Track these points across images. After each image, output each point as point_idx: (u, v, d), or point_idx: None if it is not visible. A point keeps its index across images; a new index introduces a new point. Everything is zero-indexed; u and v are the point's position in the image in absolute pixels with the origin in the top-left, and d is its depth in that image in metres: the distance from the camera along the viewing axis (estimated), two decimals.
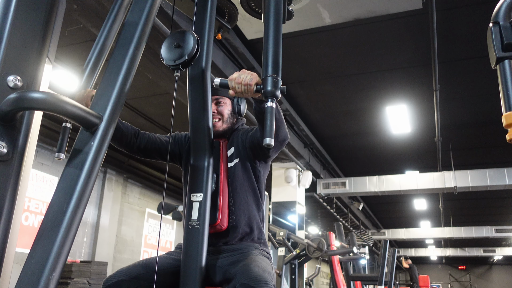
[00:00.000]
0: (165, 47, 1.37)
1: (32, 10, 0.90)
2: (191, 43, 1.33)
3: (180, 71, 1.35)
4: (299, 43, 4.78)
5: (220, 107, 1.77)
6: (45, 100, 0.82)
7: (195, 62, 1.62)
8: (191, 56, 1.33)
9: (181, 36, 1.36)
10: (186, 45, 1.34)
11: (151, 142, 1.80)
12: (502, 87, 0.91)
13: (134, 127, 1.80)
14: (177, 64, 1.34)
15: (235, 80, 1.31)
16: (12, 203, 0.83)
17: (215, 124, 1.75)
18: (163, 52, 1.37)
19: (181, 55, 1.33)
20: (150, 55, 4.02)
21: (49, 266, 0.80)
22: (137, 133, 1.79)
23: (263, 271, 1.38)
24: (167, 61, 1.36)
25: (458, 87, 5.75)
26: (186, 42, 1.34)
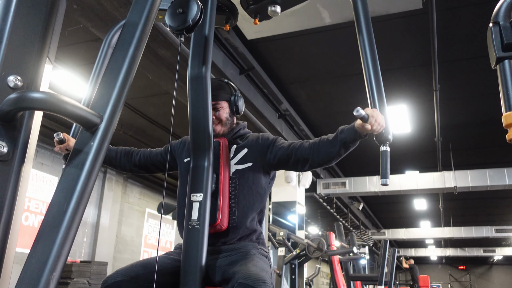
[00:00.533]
0: (169, 13, 1.41)
1: (32, 10, 0.90)
2: (195, 9, 1.38)
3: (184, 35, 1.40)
4: (299, 43, 4.78)
5: (218, 111, 1.77)
6: (45, 100, 0.82)
7: (195, 62, 1.63)
8: (194, 22, 1.38)
9: (184, 2, 1.40)
10: (190, 11, 1.38)
11: (145, 157, 1.91)
12: (502, 87, 0.91)
13: (128, 148, 1.94)
14: (180, 29, 1.38)
15: (376, 119, 1.42)
16: (12, 203, 0.83)
17: (214, 129, 1.76)
18: (167, 18, 1.41)
19: (185, 21, 1.38)
20: (150, 55, 4.02)
21: (49, 266, 0.80)
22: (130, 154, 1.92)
23: (261, 270, 1.39)
24: (172, 26, 1.40)
25: (458, 87, 5.75)
26: (189, 8, 1.39)
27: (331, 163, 1.61)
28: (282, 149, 1.68)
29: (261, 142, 1.74)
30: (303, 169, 1.66)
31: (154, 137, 6.92)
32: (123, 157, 1.92)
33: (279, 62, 5.23)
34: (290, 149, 1.65)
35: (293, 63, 5.25)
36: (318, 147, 1.58)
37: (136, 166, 1.92)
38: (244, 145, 1.75)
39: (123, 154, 1.92)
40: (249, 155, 1.72)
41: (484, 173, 7.84)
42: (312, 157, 1.59)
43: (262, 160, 1.71)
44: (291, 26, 4.28)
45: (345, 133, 1.51)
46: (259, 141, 1.75)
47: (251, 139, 1.77)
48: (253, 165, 1.70)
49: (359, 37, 1.65)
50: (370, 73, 1.59)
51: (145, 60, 4.10)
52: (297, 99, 6.20)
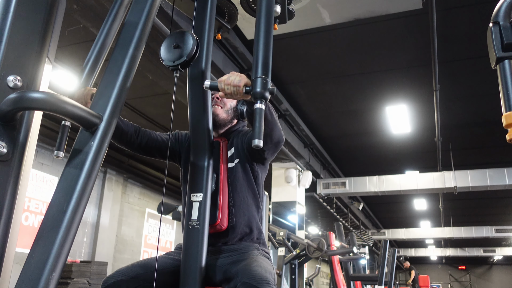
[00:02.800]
0: (164, 47, 1.37)
1: (32, 10, 0.90)
2: (190, 43, 1.33)
3: (180, 71, 1.35)
4: (299, 43, 4.78)
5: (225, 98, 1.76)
6: (45, 100, 0.82)
7: (195, 63, 1.62)
8: (190, 57, 1.33)
9: (180, 36, 1.36)
10: (186, 46, 1.34)
11: (152, 140, 1.80)
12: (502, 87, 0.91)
13: (135, 125, 1.79)
14: (176, 64, 1.34)
15: (224, 82, 1.29)
16: (12, 203, 0.83)
17: (216, 111, 1.76)
18: (162, 52, 1.37)
19: (180, 56, 1.34)
20: (150, 55, 4.02)
21: (49, 266, 0.80)
22: (138, 130, 1.78)
23: (265, 271, 1.39)
24: (166, 62, 1.36)
25: (458, 87, 5.75)
26: (185, 42, 1.34)
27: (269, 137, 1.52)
28: (247, 138, 1.69)
29: (241, 137, 1.75)
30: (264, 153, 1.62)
31: None
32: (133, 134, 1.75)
33: (279, 62, 5.23)
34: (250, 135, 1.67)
35: (293, 63, 5.25)
36: None
37: (141, 148, 1.78)
38: (231, 143, 1.76)
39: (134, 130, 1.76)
40: (235, 152, 1.73)
41: (484, 173, 7.83)
42: None
43: (243, 155, 1.72)
44: (291, 26, 4.27)
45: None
46: (239, 136, 1.76)
47: (236, 136, 1.78)
48: (240, 161, 1.71)
49: None
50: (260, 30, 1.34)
51: (145, 60, 4.10)
52: (297, 99, 6.20)
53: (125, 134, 1.72)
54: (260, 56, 1.25)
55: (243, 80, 1.29)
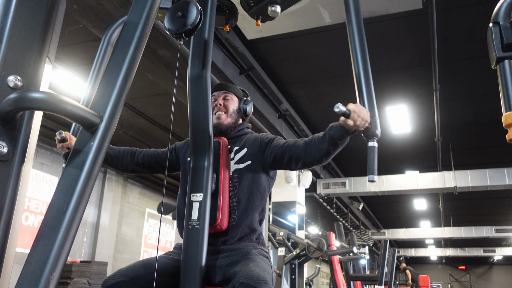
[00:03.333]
0: (169, 16, 1.41)
1: (32, 10, 0.90)
2: (194, 12, 1.37)
3: (184, 39, 1.39)
4: (299, 43, 4.78)
5: (227, 101, 1.81)
6: (45, 100, 0.82)
7: (195, 63, 1.63)
8: (194, 25, 1.37)
9: (184, 6, 1.39)
10: (189, 15, 1.37)
11: (149, 156, 1.89)
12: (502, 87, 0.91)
13: (129, 148, 1.91)
14: (180, 32, 1.37)
15: (358, 114, 1.40)
16: (12, 203, 0.83)
17: (220, 117, 1.78)
18: (166, 21, 1.41)
19: (184, 24, 1.37)
20: (150, 55, 4.02)
21: (49, 266, 0.79)
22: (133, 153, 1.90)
23: (263, 271, 1.39)
24: (171, 30, 1.39)
25: (458, 87, 5.75)
26: (189, 11, 1.38)
27: (323, 161, 1.59)
28: (277, 147, 1.68)
29: (260, 141, 1.75)
30: (296, 167, 1.65)
31: (154, 137, 6.92)
32: (126, 156, 1.88)
33: (279, 62, 5.23)
34: (284, 147, 1.66)
35: (293, 63, 5.25)
36: (311, 144, 1.58)
37: (139, 165, 1.88)
38: (244, 145, 1.76)
39: (126, 154, 1.89)
40: (248, 154, 1.73)
41: (484, 173, 7.84)
42: (305, 155, 1.59)
43: (260, 159, 1.72)
44: (291, 26, 4.28)
45: (333, 129, 1.51)
46: (258, 140, 1.76)
47: (251, 139, 1.78)
48: (252, 164, 1.71)
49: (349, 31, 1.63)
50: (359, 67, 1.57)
51: (145, 60, 4.10)
52: (297, 99, 6.20)
53: (115, 159, 1.87)
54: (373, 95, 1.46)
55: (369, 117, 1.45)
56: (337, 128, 1.49)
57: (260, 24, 1.91)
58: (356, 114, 1.40)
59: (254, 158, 1.72)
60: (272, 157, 1.69)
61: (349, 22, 1.64)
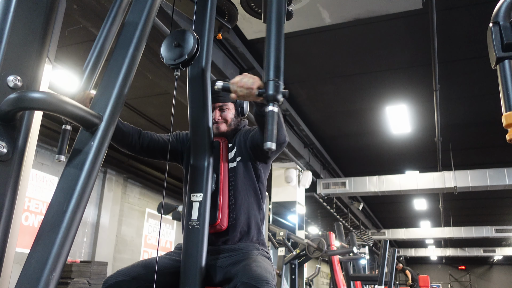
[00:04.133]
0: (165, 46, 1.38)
1: (32, 10, 0.90)
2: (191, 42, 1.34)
3: (180, 70, 1.35)
4: (299, 43, 4.78)
5: (224, 112, 1.79)
6: (45, 100, 0.82)
7: (195, 62, 1.62)
8: (191, 56, 1.34)
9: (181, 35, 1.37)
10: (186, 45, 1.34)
11: (154, 141, 1.81)
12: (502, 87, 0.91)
13: (136, 127, 1.80)
14: (177, 63, 1.34)
15: (237, 84, 1.30)
16: (12, 203, 0.83)
17: (220, 129, 1.77)
18: (163, 51, 1.38)
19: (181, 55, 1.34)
20: (150, 55, 4.02)
21: (49, 266, 0.80)
22: (139, 133, 1.79)
23: (265, 271, 1.39)
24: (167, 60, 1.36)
25: (458, 87, 5.75)
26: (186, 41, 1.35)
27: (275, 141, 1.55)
28: (250, 136, 1.69)
29: (243, 135, 1.76)
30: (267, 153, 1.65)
31: None
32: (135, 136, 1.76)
33: None
34: (252, 134, 1.67)
35: (293, 63, 5.25)
36: None
37: (143, 150, 1.79)
38: (234, 142, 1.77)
39: (135, 133, 1.77)
40: (237, 152, 1.73)
41: (484, 173, 7.83)
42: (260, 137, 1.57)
43: (245, 153, 1.72)
44: (291, 26, 4.27)
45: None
46: (242, 134, 1.77)
47: (238, 135, 1.78)
48: (242, 159, 1.71)
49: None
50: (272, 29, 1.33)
51: (145, 60, 4.10)
52: (297, 99, 6.20)
53: (126, 137, 1.72)
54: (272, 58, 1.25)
55: (256, 82, 1.30)
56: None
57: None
58: (235, 84, 1.31)
59: (242, 154, 1.72)
60: (250, 148, 1.69)
61: None
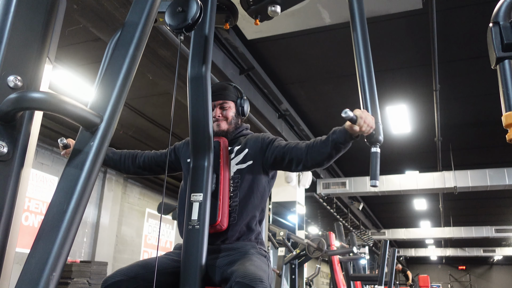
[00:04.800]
0: (169, 12, 1.42)
1: (32, 10, 0.90)
2: (194, 7, 1.39)
3: (184, 34, 1.41)
4: (299, 43, 4.78)
5: (225, 110, 1.81)
6: (45, 100, 0.82)
7: (195, 63, 1.63)
8: (194, 20, 1.38)
9: (184, 1, 1.41)
10: (190, 10, 1.39)
11: (148, 158, 1.93)
12: (502, 87, 0.91)
13: (131, 152, 1.96)
14: (180, 27, 1.39)
15: (364, 120, 1.42)
16: (12, 203, 0.83)
17: (220, 127, 1.79)
18: (167, 16, 1.42)
19: (184, 19, 1.38)
20: (150, 55, 4.02)
21: (49, 266, 0.79)
22: (134, 156, 1.94)
23: (259, 270, 1.39)
24: (171, 25, 1.40)
25: (458, 87, 5.75)
26: (189, 6, 1.39)
27: (324, 164, 1.61)
28: (278, 148, 1.69)
29: (261, 142, 1.76)
30: (297, 169, 1.66)
31: (154, 137, 6.91)
32: (128, 160, 1.94)
33: (279, 62, 5.23)
34: (286, 148, 1.67)
35: (293, 63, 5.25)
36: (312, 147, 1.59)
37: (140, 168, 1.93)
38: (245, 145, 1.77)
39: (128, 157, 1.94)
40: (250, 155, 1.73)
41: (484, 173, 7.83)
42: (306, 157, 1.60)
43: (261, 159, 1.73)
44: (291, 26, 4.27)
45: (337, 133, 1.52)
46: (259, 140, 1.77)
47: (252, 139, 1.79)
48: (253, 164, 1.72)
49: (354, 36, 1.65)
50: (363, 72, 1.60)
51: (145, 60, 4.10)
52: (297, 99, 6.20)
53: (118, 164, 1.94)
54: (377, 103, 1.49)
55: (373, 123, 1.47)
56: (341, 132, 1.50)
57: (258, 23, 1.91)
58: (363, 120, 1.42)
59: (256, 159, 1.72)
60: (273, 158, 1.69)
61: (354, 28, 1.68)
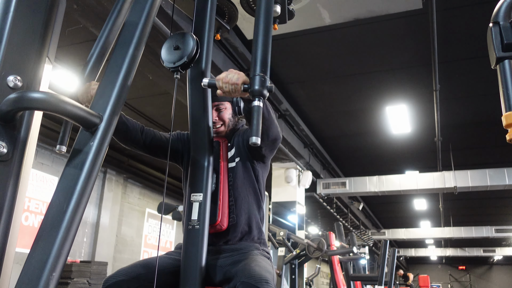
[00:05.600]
0: (165, 49, 1.39)
1: (32, 10, 0.90)
2: (191, 45, 1.35)
3: (180, 73, 1.37)
4: (299, 43, 4.78)
5: (221, 113, 1.78)
6: (45, 100, 0.82)
7: (195, 63, 1.62)
8: (190, 58, 1.35)
9: (180, 38, 1.37)
10: (186, 47, 1.35)
11: (156, 139, 1.78)
12: (502, 87, 0.91)
13: (138, 123, 1.77)
14: (176, 66, 1.35)
15: (222, 80, 1.30)
16: (12, 203, 0.83)
17: (218, 130, 1.77)
18: (163, 54, 1.39)
19: (180, 57, 1.35)
20: (150, 55, 4.02)
21: (49, 266, 0.80)
22: (142, 129, 1.76)
23: (264, 271, 1.39)
24: (167, 63, 1.37)
25: (458, 87, 5.75)
26: (185, 44, 1.36)
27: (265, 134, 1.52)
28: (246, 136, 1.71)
29: (242, 135, 1.76)
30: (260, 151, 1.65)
31: None
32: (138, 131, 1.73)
33: (279, 62, 5.23)
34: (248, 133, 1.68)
35: (293, 63, 5.25)
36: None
37: (146, 146, 1.76)
38: (233, 143, 1.77)
39: (138, 128, 1.74)
40: (236, 152, 1.74)
41: (484, 173, 7.83)
42: None
43: (244, 153, 1.72)
44: (291, 26, 4.27)
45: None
46: (240, 134, 1.77)
47: (236, 136, 1.79)
48: (240, 159, 1.72)
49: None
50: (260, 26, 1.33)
51: (145, 60, 4.10)
52: (297, 99, 6.19)
53: (130, 132, 1.69)
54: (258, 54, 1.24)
55: (241, 78, 1.29)
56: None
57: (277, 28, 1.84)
58: (221, 80, 1.30)
59: (241, 154, 1.72)
60: (246, 146, 1.70)
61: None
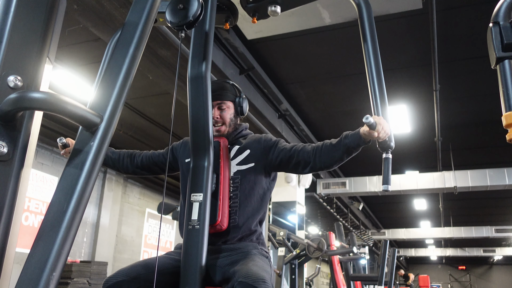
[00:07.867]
0: (170, 9, 1.43)
1: (32, 10, 0.90)
2: (195, 4, 1.39)
3: (185, 31, 1.41)
4: (299, 43, 4.78)
5: (223, 112, 1.77)
6: (45, 100, 0.82)
7: (195, 63, 1.63)
8: (195, 17, 1.39)
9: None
10: (191, 7, 1.39)
11: (147, 158, 1.93)
12: (502, 87, 0.91)
13: (130, 151, 1.97)
14: (181, 24, 1.39)
15: (382, 127, 1.45)
16: (12, 203, 0.83)
17: (219, 129, 1.77)
18: (168, 14, 1.42)
19: (185, 16, 1.39)
20: (150, 55, 4.02)
21: (49, 266, 0.79)
22: (132, 156, 1.95)
23: (261, 270, 1.39)
24: (172, 22, 1.41)
25: (458, 87, 5.75)
26: (190, 3, 1.40)
27: (332, 168, 1.62)
28: (284, 151, 1.68)
29: (264, 143, 1.75)
30: (303, 171, 1.67)
31: (154, 137, 6.91)
32: (126, 159, 1.95)
33: (279, 62, 5.23)
34: (292, 151, 1.66)
35: (293, 63, 5.25)
36: (321, 150, 1.59)
37: (139, 168, 1.94)
38: (246, 146, 1.76)
39: (126, 157, 1.95)
40: (252, 156, 1.72)
41: (484, 173, 7.84)
42: (314, 160, 1.60)
43: (264, 161, 1.72)
44: (291, 26, 4.27)
45: (349, 138, 1.52)
46: (261, 141, 1.76)
47: (253, 140, 1.78)
48: (255, 165, 1.71)
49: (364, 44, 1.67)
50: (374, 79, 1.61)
51: (145, 60, 4.10)
52: (297, 99, 6.20)
53: (117, 163, 1.95)
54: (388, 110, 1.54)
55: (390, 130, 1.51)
56: (353, 137, 1.51)
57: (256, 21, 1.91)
58: (381, 126, 1.44)
59: (258, 160, 1.72)
60: (279, 160, 1.69)
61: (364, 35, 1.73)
